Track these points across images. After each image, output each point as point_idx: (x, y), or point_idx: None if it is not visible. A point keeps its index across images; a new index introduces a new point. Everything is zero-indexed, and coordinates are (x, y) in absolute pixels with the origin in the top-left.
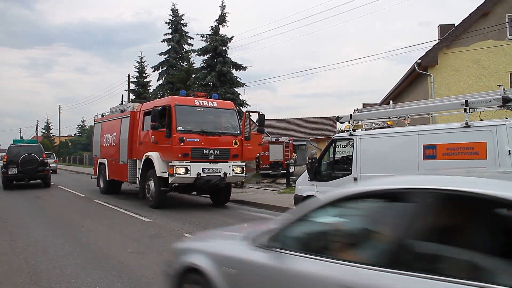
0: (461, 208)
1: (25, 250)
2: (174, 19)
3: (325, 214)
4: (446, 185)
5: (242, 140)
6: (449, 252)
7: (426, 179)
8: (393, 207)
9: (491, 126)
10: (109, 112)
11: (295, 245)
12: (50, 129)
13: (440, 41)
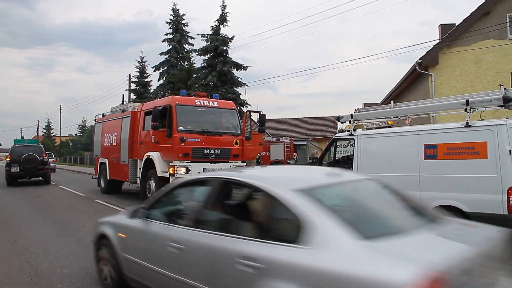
0: (233, 190)
1: (26, 250)
2: (175, 19)
3: (171, 195)
4: (227, 176)
5: (242, 140)
6: (227, 216)
7: (220, 172)
8: (201, 189)
9: (492, 125)
10: (109, 112)
11: (153, 215)
12: (51, 129)
13: (441, 40)
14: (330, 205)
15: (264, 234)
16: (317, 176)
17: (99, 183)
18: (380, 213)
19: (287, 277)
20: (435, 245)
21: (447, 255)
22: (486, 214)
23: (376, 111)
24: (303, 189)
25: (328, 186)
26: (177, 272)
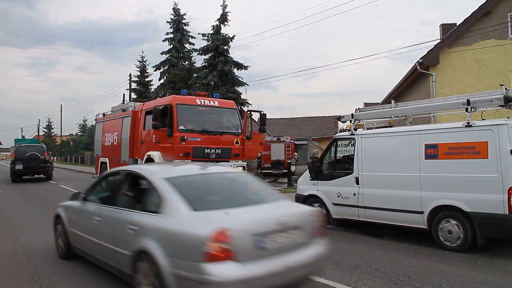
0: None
1: (27, 249)
2: (176, 19)
3: (99, 183)
4: (128, 168)
5: (243, 140)
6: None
7: (126, 166)
8: (115, 178)
9: (492, 125)
10: (110, 111)
11: (87, 198)
12: (52, 128)
13: (442, 40)
14: (180, 188)
15: (142, 207)
16: (186, 170)
17: None
18: (214, 195)
19: (151, 235)
20: (243, 215)
21: (245, 221)
22: (487, 214)
23: (376, 110)
24: (167, 178)
25: (187, 176)
26: (97, 237)
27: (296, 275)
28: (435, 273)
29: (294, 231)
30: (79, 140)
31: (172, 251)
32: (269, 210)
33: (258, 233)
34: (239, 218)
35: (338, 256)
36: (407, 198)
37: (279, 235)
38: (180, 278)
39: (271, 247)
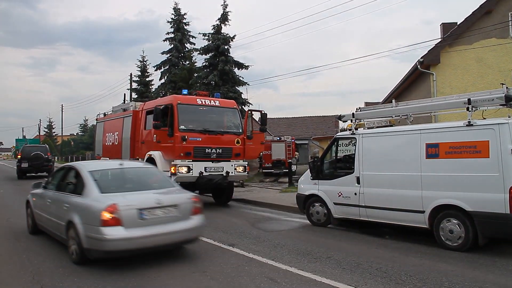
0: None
1: (28, 249)
2: (176, 18)
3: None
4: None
5: (244, 139)
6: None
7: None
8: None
9: (493, 124)
10: (111, 111)
11: (46, 186)
12: (53, 128)
13: (443, 39)
14: (97, 178)
15: (73, 191)
16: (107, 165)
17: None
18: (120, 183)
19: (75, 210)
20: (134, 196)
21: (133, 200)
22: (488, 213)
23: (377, 110)
24: (90, 171)
25: (105, 169)
26: (49, 214)
27: (169, 239)
28: (436, 272)
29: (170, 208)
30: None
31: (85, 220)
32: (156, 193)
33: (140, 208)
34: (129, 198)
35: (339, 255)
36: (408, 198)
37: (158, 210)
38: (89, 237)
39: (150, 218)
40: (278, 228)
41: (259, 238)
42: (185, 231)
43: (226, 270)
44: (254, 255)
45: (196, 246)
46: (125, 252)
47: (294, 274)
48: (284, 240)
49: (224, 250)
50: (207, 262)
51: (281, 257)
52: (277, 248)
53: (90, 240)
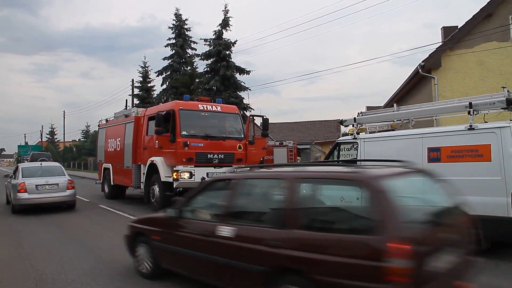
0: None
1: (31, 255)
2: (178, 24)
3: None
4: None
5: (246, 144)
6: None
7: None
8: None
9: (495, 128)
10: (113, 117)
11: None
12: (55, 134)
13: (444, 43)
14: (24, 171)
15: (14, 177)
16: (34, 164)
17: (103, 188)
18: (36, 173)
19: (12, 186)
20: (36, 180)
21: (34, 181)
22: (491, 217)
23: (379, 114)
24: (23, 167)
25: (31, 166)
26: (7, 189)
27: (53, 200)
28: None
29: (53, 185)
30: (82, 146)
31: (13, 191)
32: (49, 178)
33: (36, 184)
34: (32, 180)
35: None
36: None
37: (46, 186)
38: (14, 198)
39: (42, 190)
40: None
41: None
42: (62, 197)
43: None
44: None
45: None
46: (28, 205)
47: None
48: None
49: None
50: None
51: None
52: None
53: (14, 200)
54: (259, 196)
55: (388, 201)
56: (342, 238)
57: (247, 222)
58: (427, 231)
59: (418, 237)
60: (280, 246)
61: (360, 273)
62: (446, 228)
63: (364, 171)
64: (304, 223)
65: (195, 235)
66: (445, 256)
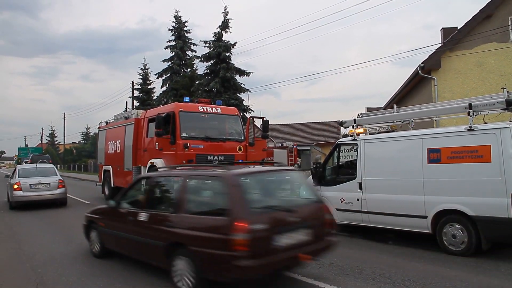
0: None
1: (32, 258)
2: (177, 26)
3: None
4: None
5: (246, 146)
6: None
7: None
8: None
9: (495, 129)
10: (113, 119)
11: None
12: (55, 137)
13: (443, 44)
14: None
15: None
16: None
17: (103, 190)
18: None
19: (10, 185)
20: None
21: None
22: (491, 218)
23: (379, 115)
24: (19, 168)
25: (27, 167)
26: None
27: (45, 198)
28: (439, 277)
29: (46, 184)
30: (82, 148)
31: (10, 190)
32: (42, 178)
33: (30, 183)
34: (27, 180)
35: (343, 261)
36: (410, 203)
37: (39, 185)
38: (11, 197)
39: (35, 188)
40: None
41: None
42: (53, 195)
43: None
44: None
45: None
46: (23, 202)
47: (297, 280)
48: None
49: None
50: None
51: None
52: None
53: (11, 197)
54: (164, 189)
55: (236, 192)
56: (208, 219)
57: (156, 209)
58: (268, 215)
59: (257, 219)
60: (174, 226)
61: (218, 244)
62: (292, 213)
63: (228, 171)
64: (188, 208)
65: (124, 221)
66: (291, 234)
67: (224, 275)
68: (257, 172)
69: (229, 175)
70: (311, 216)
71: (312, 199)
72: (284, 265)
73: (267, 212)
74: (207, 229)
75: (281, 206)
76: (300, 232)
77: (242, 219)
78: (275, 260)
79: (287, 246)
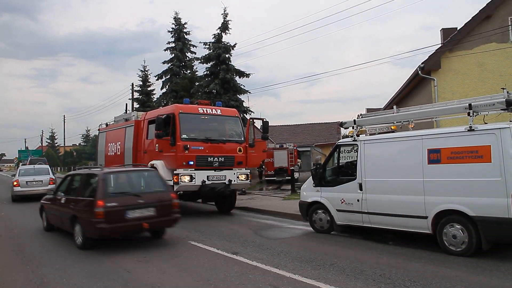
0: None
1: (32, 260)
2: (177, 28)
3: None
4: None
5: (246, 147)
6: None
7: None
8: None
9: (495, 129)
10: (113, 121)
11: None
12: (55, 139)
13: (443, 45)
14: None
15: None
16: (29, 167)
17: None
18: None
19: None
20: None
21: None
22: (492, 218)
23: (379, 116)
24: (20, 168)
25: (27, 167)
26: None
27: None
28: (440, 277)
29: (39, 181)
30: (82, 151)
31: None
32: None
33: (27, 181)
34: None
35: (343, 262)
36: (410, 203)
37: (33, 182)
38: (12, 192)
39: (31, 184)
40: (281, 236)
41: (262, 246)
42: (44, 190)
43: (230, 278)
44: (258, 263)
45: (200, 255)
46: (20, 196)
47: (297, 281)
48: (288, 248)
49: (227, 258)
50: (211, 270)
51: (284, 264)
52: (281, 255)
53: (12, 192)
54: (74, 182)
55: (101, 183)
56: (87, 200)
57: (69, 194)
58: (120, 197)
59: (111, 200)
60: (73, 205)
61: (89, 214)
62: (140, 197)
63: (100, 171)
64: (81, 194)
65: (56, 203)
66: (139, 210)
67: (92, 233)
68: (121, 171)
69: (100, 173)
70: (156, 200)
71: (161, 189)
72: (132, 229)
73: (120, 196)
74: (85, 206)
75: (132, 192)
76: (146, 210)
77: (100, 199)
78: (124, 225)
79: (134, 218)
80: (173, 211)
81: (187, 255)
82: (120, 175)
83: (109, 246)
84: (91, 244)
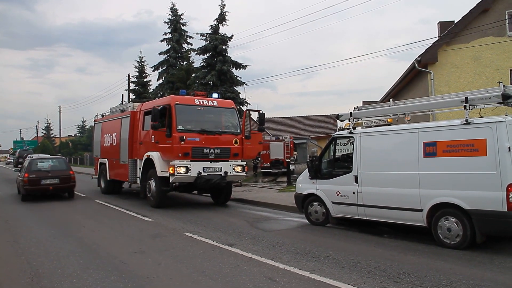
0: None
1: (27, 251)
2: (174, 19)
3: None
4: None
5: (242, 139)
6: None
7: None
8: None
9: (491, 123)
10: (109, 112)
11: None
12: (51, 130)
13: (440, 38)
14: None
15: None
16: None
17: (99, 183)
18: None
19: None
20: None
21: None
22: (486, 211)
23: (375, 109)
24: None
25: (35, 158)
26: None
27: None
28: (434, 270)
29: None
30: (78, 141)
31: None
32: None
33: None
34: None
35: (338, 254)
36: (406, 196)
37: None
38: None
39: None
40: (276, 228)
41: (257, 238)
42: None
43: (225, 270)
44: (253, 254)
45: (195, 246)
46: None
47: (293, 273)
48: (283, 240)
49: (223, 250)
50: (206, 262)
51: (279, 256)
52: (276, 247)
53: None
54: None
55: (28, 165)
56: (22, 173)
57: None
58: (37, 172)
59: (31, 173)
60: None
61: (23, 181)
62: (49, 172)
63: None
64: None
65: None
66: (49, 180)
67: (23, 191)
68: (40, 158)
69: (28, 159)
70: (60, 174)
71: (64, 169)
72: (43, 190)
73: (36, 171)
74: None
75: (44, 170)
76: (54, 179)
77: (26, 173)
78: (39, 187)
79: (46, 184)
80: (70, 181)
81: (183, 246)
82: (39, 160)
83: (103, 237)
84: (26, 198)
